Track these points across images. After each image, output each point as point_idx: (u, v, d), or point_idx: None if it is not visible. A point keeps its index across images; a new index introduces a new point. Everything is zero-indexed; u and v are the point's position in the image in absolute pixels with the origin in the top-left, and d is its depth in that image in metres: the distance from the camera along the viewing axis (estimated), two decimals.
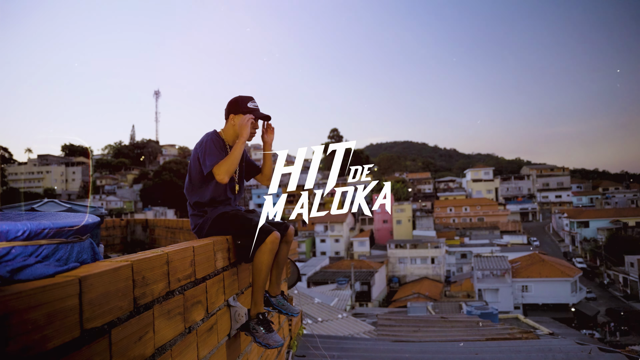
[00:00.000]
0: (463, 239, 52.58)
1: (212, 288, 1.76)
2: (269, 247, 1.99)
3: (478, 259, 33.95)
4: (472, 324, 6.82)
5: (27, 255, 1.00)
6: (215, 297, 1.80)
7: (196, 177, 2.17)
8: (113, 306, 1.08)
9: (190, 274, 1.56)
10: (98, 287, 1.02)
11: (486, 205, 64.58)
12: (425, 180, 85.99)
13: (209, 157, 2.10)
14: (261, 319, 2.01)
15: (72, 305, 0.93)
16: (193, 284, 1.58)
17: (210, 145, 2.15)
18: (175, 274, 1.43)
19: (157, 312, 1.30)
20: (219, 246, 1.90)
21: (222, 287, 1.89)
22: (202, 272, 1.67)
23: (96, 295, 1.01)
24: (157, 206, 71.54)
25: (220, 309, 1.85)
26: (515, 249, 43.12)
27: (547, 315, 27.50)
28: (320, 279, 34.05)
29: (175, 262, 1.44)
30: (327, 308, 10.04)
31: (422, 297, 31.97)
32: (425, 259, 44.47)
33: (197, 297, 1.61)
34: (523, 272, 31.68)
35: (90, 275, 1.00)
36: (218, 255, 1.87)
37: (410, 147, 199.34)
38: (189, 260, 1.55)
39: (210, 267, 1.76)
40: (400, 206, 60.04)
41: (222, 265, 1.91)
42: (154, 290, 1.29)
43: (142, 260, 1.24)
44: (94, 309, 1.00)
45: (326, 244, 56.90)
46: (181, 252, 1.49)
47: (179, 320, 1.44)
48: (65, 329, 0.90)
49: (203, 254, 1.69)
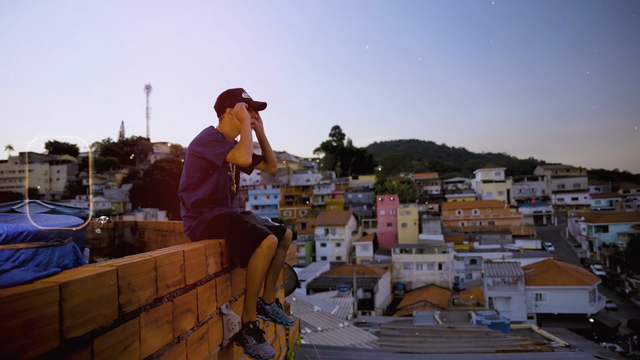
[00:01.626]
0: (472, 243, 52.54)
1: (203, 295, 1.75)
2: (264, 252, 1.99)
3: (488, 265, 33.91)
4: (482, 335, 6.82)
5: (4, 260, 0.99)
6: (207, 304, 1.79)
7: (195, 174, 2.18)
8: (96, 314, 1.07)
9: (179, 279, 1.55)
10: (80, 293, 1.02)
11: (497, 208, 64.54)
12: (432, 181, 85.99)
13: (219, 146, 2.14)
14: (252, 329, 2.01)
15: (52, 313, 0.93)
16: (183, 290, 1.57)
17: (215, 137, 2.20)
18: (163, 280, 1.43)
19: (144, 321, 1.29)
20: (211, 250, 1.89)
21: (214, 293, 1.88)
22: (193, 278, 1.67)
23: (78, 302, 1.00)
24: (148, 207, 71.60)
25: (212, 317, 1.84)
26: (529, 254, 43.08)
27: (563, 326, 27.39)
28: (321, 286, 34.06)
29: (164, 268, 1.43)
30: (328, 316, 10.04)
31: (429, 305, 31.96)
32: (432, 265, 44.46)
33: (187, 304, 1.60)
34: (537, 280, 31.64)
35: (71, 282, 0.99)
36: (210, 260, 1.86)
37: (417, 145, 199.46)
38: (178, 265, 1.55)
39: (201, 272, 1.75)
40: (406, 208, 60.05)
41: (214, 271, 1.90)
42: (140, 298, 1.28)
43: (128, 265, 1.23)
44: (76, 317, 0.99)
45: (327, 248, 56.91)
46: (170, 257, 1.49)
47: (168, 329, 1.43)
48: (43, 339, 0.90)
49: (194, 258, 1.69)
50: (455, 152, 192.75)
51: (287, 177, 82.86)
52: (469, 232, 61.09)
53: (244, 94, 2.35)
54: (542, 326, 25.19)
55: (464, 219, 64.87)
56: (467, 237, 56.64)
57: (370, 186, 77.70)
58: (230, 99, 2.33)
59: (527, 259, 39.05)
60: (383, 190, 70.24)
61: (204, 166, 2.16)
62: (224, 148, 2.14)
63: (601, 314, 31.13)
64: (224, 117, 2.33)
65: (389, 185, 71.50)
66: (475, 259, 45.94)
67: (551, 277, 31.47)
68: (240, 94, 2.35)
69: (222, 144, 2.16)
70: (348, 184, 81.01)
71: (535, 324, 27.24)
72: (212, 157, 2.12)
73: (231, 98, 2.33)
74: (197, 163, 2.17)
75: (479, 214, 64.46)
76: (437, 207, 70.01)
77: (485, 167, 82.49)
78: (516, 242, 52.89)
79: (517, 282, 31.81)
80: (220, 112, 2.35)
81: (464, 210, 65.60)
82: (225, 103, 2.33)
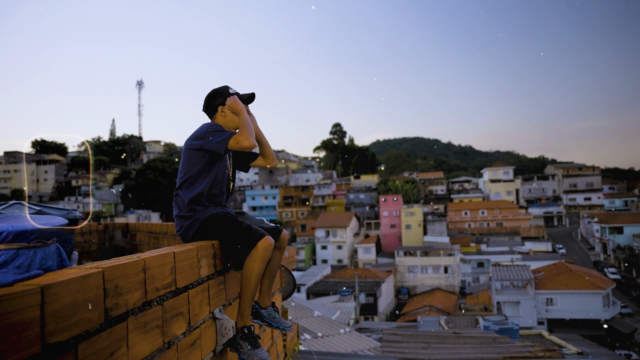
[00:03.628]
0: (480, 245, 52.59)
1: (195, 298, 1.75)
2: (260, 254, 1.99)
3: (496, 268, 33.94)
4: (488, 341, 6.82)
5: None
6: (199, 308, 1.79)
7: (193, 167, 2.21)
8: (81, 318, 1.06)
9: (170, 282, 1.55)
10: (63, 297, 1.01)
11: (506, 209, 64.54)
12: (437, 181, 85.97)
13: (219, 135, 2.18)
14: (247, 333, 2.02)
15: (33, 317, 0.92)
16: (173, 293, 1.57)
17: (214, 127, 2.24)
18: (153, 282, 1.42)
19: (132, 325, 1.29)
20: (204, 252, 1.89)
21: (206, 297, 1.88)
22: (184, 281, 1.67)
23: (61, 306, 1.00)
24: (140, 209, 71.71)
25: (204, 322, 1.84)
26: (539, 257, 43.10)
27: (575, 332, 27.39)
28: (321, 290, 34.09)
29: (154, 270, 1.43)
30: (328, 322, 10.04)
31: (434, 310, 31.98)
32: (437, 268, 44.50)
33: (178, 308, 1.60)
34: (547, 284, 31.65)
35: (54, 284, 0.99)
36: (202, 262, 1.86)
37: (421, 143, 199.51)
38: (169, 267, 1.55)
39: (193, 275, 1.75)
40: (410, 209, 60.09)
41: (207, 274, 1.90)
42: (128, 301, 1.28)
43: (115, 267, 1.23)
44: (58, 322, 0.99)
45: (328, 251, 56.94)
46: (160, 259, 1.49)
47: (157, 334, 1.43)
48: (23, 344, 0.89)
49: (185, 260, 1.69)
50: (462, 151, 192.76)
51: (286, 177, 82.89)
52: (476, 233, 61.11)
53: (230, 90, 2.41)
54: (553, 332, 25.21)
55: (471, 220, 64.89)
56: (474, 239, 56.67)
57: (373, 186, 77.73)
58: (219, 97, 2.38)
59: (537, 262, 39.07)
60: (386, 191, 70.23)
61: (203, 159, 2.20)
62: (225, 135, 2.17)
63: (616, 319, 31.11)
64: (216, 116, 2.39)
65: (392, 185, 71.48)
66: (483, 261, 45.97)
67: (563, 280, 31.47)
68: (227, 90, 2.40)
69: (222, 133, 2.20)
70: (349, 184, 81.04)
71: (546, 329, 27.27)
72: (214, 146, 2.15)
73: (220, 96, 2.38)
74: (195, 157, 2.20)
75: (486, 214, 64.47)
76: (443, 207, 70.06)
77: (493, 166, 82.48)
78: (525, 244, 52.91)
79: (527, 286, 31.82)
80: (211, 112, 2.40)
81: (471, 211, 65.62)
82: (216, 102, 2.38)
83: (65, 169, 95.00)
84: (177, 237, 4.79)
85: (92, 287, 1.12)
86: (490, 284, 34.77)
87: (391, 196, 63.38)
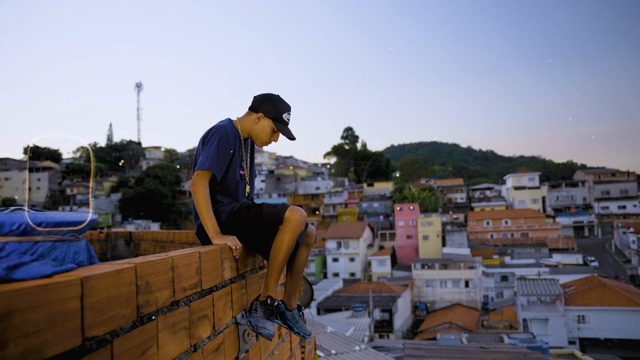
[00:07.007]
0: (503, 258, 52.13)
1: (219, 301, 1.80)
2: (292, 226, 2.05)
3: (522, 282, 33.57)
4: (519, 356, 6.77)
5: (22, 253, 1.05)
6: (223, 312, 1.84)
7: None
8: (115, 313, 1.12)
9: (196, 283, 1.60)
10: (100, 290, 1.06)
11: (531, 218, 63.98)
12: (456, 188, 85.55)
13: (207, 154, 2.15)
14: (267, 303, 2.10)
15: (74, 308, 0.97)
16: (199, 295, 1.62)
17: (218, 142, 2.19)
18: (180, 282, 1.48)
19: (162, 324, 1.34)
20: (227, 254, 1.95)
21: (229, 301, 1.93)
22: (209, 283, 1.72)
23: (98, 299, 1.05)
24: (139, 219, 72.20)
25: (227, 327, 1.89)
26: (568, 270, 42.60)
27: (612, 352, 26.92)
28: (333, 305, 34.02)
29: (181, 269, 1.49)
30: (342, 338, 10.04)
31: (455, 327, 31.72)
32: (457, 282, 44.18)
33: (204, 310, 1.65)
34: (579, 299, 31.18)
35: (92, 276, 1.04)
36: (225, 264, 1.92)
37: (439, 148, 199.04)
38: (195, 267, 1.60)
39: (217, 277, 1.81)
40: (427, 219, 59.81)
41: (229, 276, 1.96)
42: (158, 299, 1.33)
43: (146, 263, 1.28)
44: (96, 315, 1.04)
45: (339, 263, 56.81)
46: (187, 258, 1.54)
47: (184, 336, 1.48)
48: (66, 335, 0.94)
49: (210, 261, 1.74)
50: (483, 156, 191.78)
51: (294, 184, 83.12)
52: (499, 245, 60.60)
53: (285, 115, 2.37)
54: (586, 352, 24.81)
55: (494, 231, 64.36)
56: (497, 250, 56.22)
57: (388, 194, 77.58)
58: (271, 108, 2.34)
59: (567, 276, 38.60)
60: (402, 199, 70.05)
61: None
62: (209, 162, 2.13)
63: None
64: (252, 114, 2.38)
65: (408, 192, 71.27)
66: (507, 275, 45.52)
67: (595, 296, 30.97)
68: (283, 113, 2.36)
69: (212, 154, 2.15)
70: (362, 192, 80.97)
71: (578, 349, 26.85)
72: (198, 163, 2.15)
73: (272, 109, 2.34)
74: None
75: (510, 224, 63.93)
76: (463, 217, 69.61)
77: (517, 172, 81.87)
78: (553, 256, 52.31)
79: (556, 302, 31.42)
80: (253, 108, 2.39)
81: (494, 221, 65.13)
82: (263, 108, 2.34)
83: (59, 177, 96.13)
84: (184, 245, 4.86)
85: (125, 282, 1.17)
86: (515, 300, 34.38)
87: (407, 205, 63.16)
